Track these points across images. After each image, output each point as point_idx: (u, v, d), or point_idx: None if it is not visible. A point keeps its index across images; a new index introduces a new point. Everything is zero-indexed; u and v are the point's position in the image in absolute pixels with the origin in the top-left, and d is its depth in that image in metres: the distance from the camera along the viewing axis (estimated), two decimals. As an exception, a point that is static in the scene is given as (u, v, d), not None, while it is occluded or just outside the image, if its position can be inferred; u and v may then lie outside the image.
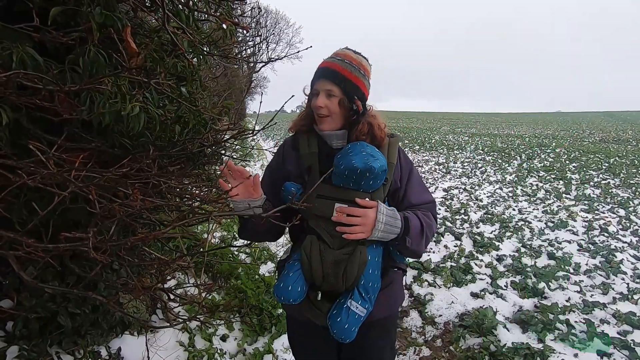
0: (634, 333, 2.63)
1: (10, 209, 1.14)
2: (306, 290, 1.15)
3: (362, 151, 1.10)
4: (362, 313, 1.11)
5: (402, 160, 1.26)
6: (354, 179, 1.08)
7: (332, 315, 1.12)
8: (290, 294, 1.12)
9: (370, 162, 1.06)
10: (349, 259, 1.10)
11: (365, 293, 1.12)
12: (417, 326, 2.83)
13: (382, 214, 1.10)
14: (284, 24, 33.13)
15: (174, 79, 1.51)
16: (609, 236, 4.65)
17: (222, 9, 1.45)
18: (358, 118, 1.18)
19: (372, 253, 1.14)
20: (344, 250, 1.12)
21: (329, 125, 1.19)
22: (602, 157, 11.65)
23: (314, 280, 1.13)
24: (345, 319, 1.09)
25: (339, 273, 1.10)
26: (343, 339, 1.10)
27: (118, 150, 1.37)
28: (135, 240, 1.01)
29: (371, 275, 1.13)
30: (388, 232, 1.11)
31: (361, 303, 1.11)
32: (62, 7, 1.06)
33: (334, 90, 1.15)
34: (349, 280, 1.10)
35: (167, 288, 2.09)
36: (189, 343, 2.21)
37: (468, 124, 33.30)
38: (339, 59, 1.17)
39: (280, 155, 1.32)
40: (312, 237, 1.14)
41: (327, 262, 1.11)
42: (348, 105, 1.16)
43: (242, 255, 3.60)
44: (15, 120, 1.06)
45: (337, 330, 1.10)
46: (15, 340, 1.53)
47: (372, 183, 1.11)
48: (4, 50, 0.97)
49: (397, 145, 1.24)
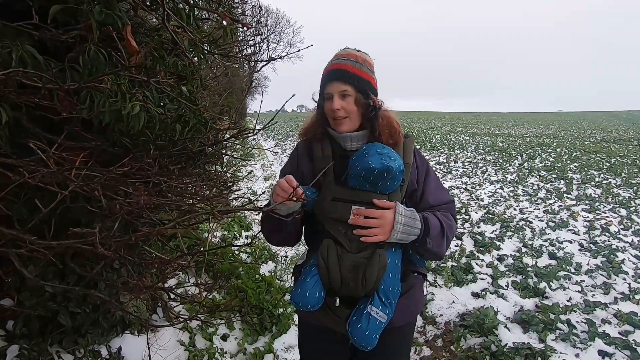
0: (635, 333, 2.63)
1: (11, 207, 1.14)
2: (324, 296, 1.12)
3: (379, 152, 1.09)
4: (382, 319, 1.08)
5: (418, 160, 1.24)
6: (371, 180, 1.07)
7: (352, 321, 1.09)
8: (308, 300, 1.09)
9: (387, 162, 1.05)
10: (367, 263, 1.07)
11: (386, 298, 1.09)
12: (418, 326, 2.82)
13: (401, 214, 1.07)
14: (284, 24, 33.14)
15: (174, 77, 1.51)
16: (610, 236, 4.64)
17: (223, 7, 1.45)
18: (376, 113, 1.17)
19: (392, 256, 1.12)
20: (363, 253, 1.09)
21: (348, 126, 1.18)
22: (603, 156, 11.62)
23: (331, 286, 1.10)
24: (366, 326, 1.06)
25: (357, 277, 1.07)
26: (364, 346, 1.07)
27: (118, 149, 1.37)
28: (139, 237, 1.01)
29: (391, 280, 1.10)
30: (407, 234, 1.08)
31: (382, 309, 1.08)
32: (62, 5, 1.05)
33: (348, 90, 1.14)
34: (369, 284, 1.06)
35: (168, 287, 2.09)
36: (190, 342, 2.20)
37: (469, 123, 33.26)
38: (344, 58, 1.17)
39: (295, 160, 1.31)
40: (329, 240, 1.11)
41: (345, 266, 1.08)
42: (365, 102, 1.15)
43: (243, 255, 3.60)
44: (15, 119, 1.06)
45: (357, 337, 1.07)
46: (16, 339, 1.52)
47: (389, 184, 1.09)
48: (3, 48, 0.97)
49: (413, 145, 1.23)
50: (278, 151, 13.44)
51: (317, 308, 1.11)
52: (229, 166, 2.35)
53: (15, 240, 1.07)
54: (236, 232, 4.08)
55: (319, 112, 1.24)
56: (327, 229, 1.13)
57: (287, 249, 3.89)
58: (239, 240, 3.97)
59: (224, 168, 2.30)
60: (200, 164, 1.81)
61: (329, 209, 1.11)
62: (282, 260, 3.80)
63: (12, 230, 1.07)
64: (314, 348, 1.34)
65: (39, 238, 1.07)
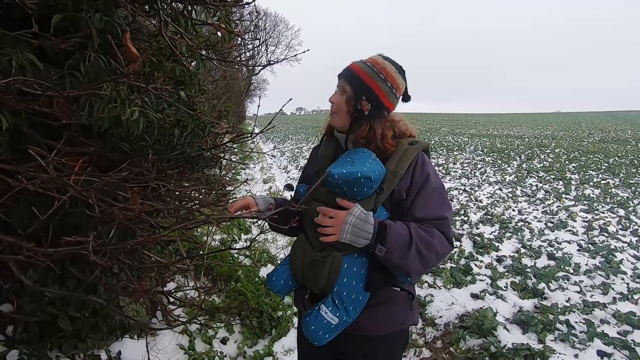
0: (634, 333, 2.64)
1: (11, 213, 1.15)
2: (291, 285, 1.24)
3: (350, 158, 1.11)
4: (332, 320, 1.09)
5: (416, 171, 1.17)
6: (339, 185, 1.09)
7: (304, 315, 1.16)
8: (274, 285, 1.24)
9: (347, 170, 1.05)
10: (322, 262, 1.11)
11: (339, 301, 1.11)
12: (418, 327, 2.83)
13: (353, 215, 1.06)
14: (283, 27, 33.25)
15: (172, 82, 1.52)
16: (608, 236, 4.65)
17: (220, 14, 1.46)
18: (360, 119, 1.16)
19: (351, 262, 1.11)
20: (322, 253, 1.13)
21: (338, 121, 1.22)
22: (601, 157, 11.66)
23: (296, 277, 1.21)
24: (313, 321, 1.11)
25: (312, 274, 1.13)
26: (311, 339, 1.12)
27: (117, 154, 1.38)
28: (135, 244, 1.01)
29: (346, 285, 1.10)
30: (356, 236, 1.06)
31: (331, 310, 1.10)
32: (63, 13, 1.07)
33: (346, 88, 1.18)
34: (318, 283, 1.11)
35: (167, 291, 2.10)
36: (189, 346, 2.21)
37: (467, 124, 33.33)
38: (363, 61, 1.20)
39: (312, 157, 1.41)
40: (302, 235, 1.21)
41: (306, 262, 1.15)
42: (354, 103, 1.17)
43: (242, 258, 3.60)
44: (15, 125, 1.07)
45: (305, 330, 1.13)
46: (15, 344, 1.53)
47: (357, 190, 1.09)
48: (3, 56, 0.98)
49: (414, 155, 1.17)
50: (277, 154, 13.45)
51: (283, 294, 1.26)
52: (227, 169, 2.36)
53: (13, 246, 1.08)
54: (235, 235, 4.08)
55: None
56: (304, 225, 1.22)
57: (286, 253, 3.89)
58: (238, 243, 3.97)
59: (223, 171, 2.31)
60: (198, 168, 1.82)
61: (310, 208, 1.16)
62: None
63: (9, 237, 1.08)
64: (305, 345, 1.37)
65: (37, 244, 1.07)
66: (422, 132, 23.72)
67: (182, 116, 1.51)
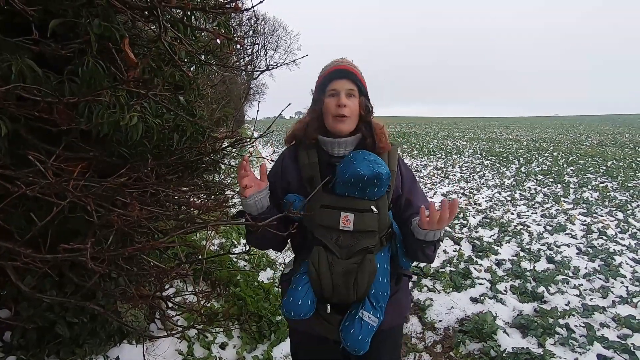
0: (634, 336, 2.63)
1: (9, 219, 1.14)
2: (315, 304, 1.13)
3: (366, 159, 1.11)
4: (374, 323, 1.10)
5: (403, 168, 1.26)
6: (360, 187, 1.08)
7: (345, 327, 1.10)
8: (300, 309, 1.10)
9: (376, 169, 1.07)
10: (358, 268, 1.08)
11: (376, 302, 1.11)
12: (417, 332, 2.82)
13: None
14: (282, 31, 33.37)
15: (171, 87, 1.53)
16: (607, 239, 4.65)
17: (220, 19, 1.47)
18: (367, 119, 1.21)
19: (381, 260, 1.13)
20: (353, 259, 1.09)
21: (348, 126, 1.18)
22: (599, 160, 11.69)
23: (323, 293, 1.10)
24: (359, 330, 1.07)
25: (349, 284, 1.08)
26: (357, 350, 1.08)
27: (116, 159, 1.38)
28: (133, 250, 1.01)
29: (381, 284, 1.12)
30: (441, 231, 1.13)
31: (373, 313, 1.10)
32: (61, 19, 1.07)
33: (354, 90, 1.18)
34: (360, 290, 1.08)
35: (166, 296, 2.08)
36: (188, 351, 2.19)
37: (466, 128, 33.43)
38: (347, 61, 1.22)
39: (279, 168, 1.29)
40: (319, 248, 1.11)
41: (337, 273, 1.08)
42: (366, 105, 1.19)
43: (241, 263, 3.59)
44: (14, 130, 1.07)
45: (350, 342, 1.08)
46: (13, 350, 1.52)
47: (377, 190, 1.11)
48: (3, 62, 0.98)
49: (397, 152, 1.25)
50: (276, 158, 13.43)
51: (309, 316, 1.11)
52: (226, 174, 2.36)
53: (11, 252, 1.08)
54: (234, 240, 4.07)
55: (317, 109, 1.23)
56: (316, 237, 1.13)
57: (286, 256, 3.88)
58: (237, 247, 3.96)
59: (222, 176, 2.31)
60: (197, 173, 1.82)
61: (318, 217, 1.11)
62: (281, 267, 3.79)
63: (7, 243, 1.07)
64: (307, 357, 1.35)
65: (35, 250, 1.07)
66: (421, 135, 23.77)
67: (182, 121, 1.51)
